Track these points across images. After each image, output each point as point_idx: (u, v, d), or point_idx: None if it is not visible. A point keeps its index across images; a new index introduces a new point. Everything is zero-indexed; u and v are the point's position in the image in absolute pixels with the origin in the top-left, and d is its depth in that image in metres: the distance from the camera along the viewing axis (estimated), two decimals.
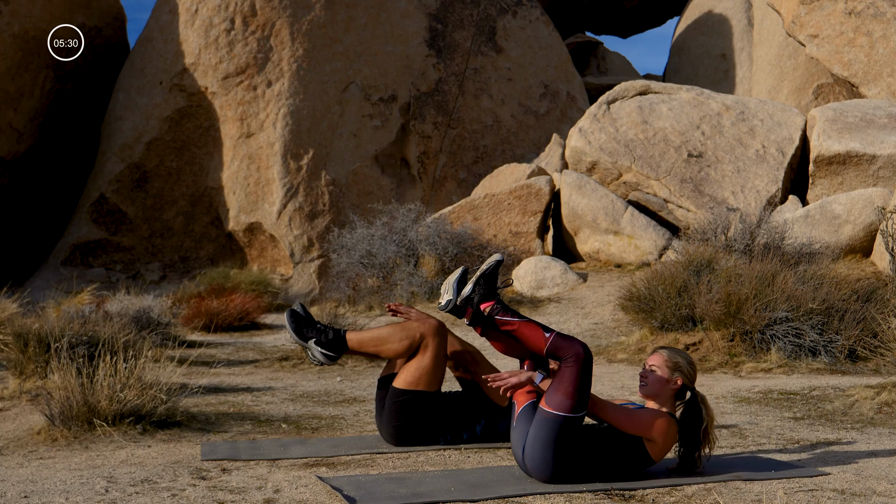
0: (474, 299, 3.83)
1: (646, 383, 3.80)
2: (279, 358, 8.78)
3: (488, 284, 3.86)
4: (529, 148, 19.28)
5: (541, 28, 20.50)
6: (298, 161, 17.35)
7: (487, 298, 3.83)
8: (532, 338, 3.76)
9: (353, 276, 13.64)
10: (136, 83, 18.17)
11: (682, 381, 3.78)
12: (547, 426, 3.64)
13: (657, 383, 3.78)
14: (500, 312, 3.80)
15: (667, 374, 3.78)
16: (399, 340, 4.44)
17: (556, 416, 3.63)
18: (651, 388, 3.79)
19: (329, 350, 4.43)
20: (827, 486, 3.63)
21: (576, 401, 3.63)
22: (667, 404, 3.78)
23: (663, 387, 3.77)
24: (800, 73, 16.93)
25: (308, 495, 3.63)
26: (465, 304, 3.84)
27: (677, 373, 3.78)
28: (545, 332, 3.76)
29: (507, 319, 3.78)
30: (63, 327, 6.70)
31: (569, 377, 3.65)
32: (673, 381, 3.77)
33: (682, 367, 3.79)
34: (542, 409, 3.69)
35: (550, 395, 3.66)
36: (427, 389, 4.47)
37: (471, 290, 3.83)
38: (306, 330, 4.47)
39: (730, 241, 10.58)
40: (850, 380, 6.64)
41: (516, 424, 3.79)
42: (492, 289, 3.86)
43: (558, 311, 10.82)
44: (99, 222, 17.83)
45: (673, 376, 3.77)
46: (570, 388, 3.63)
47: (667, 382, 3.77)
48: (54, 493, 3.68)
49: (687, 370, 3.80)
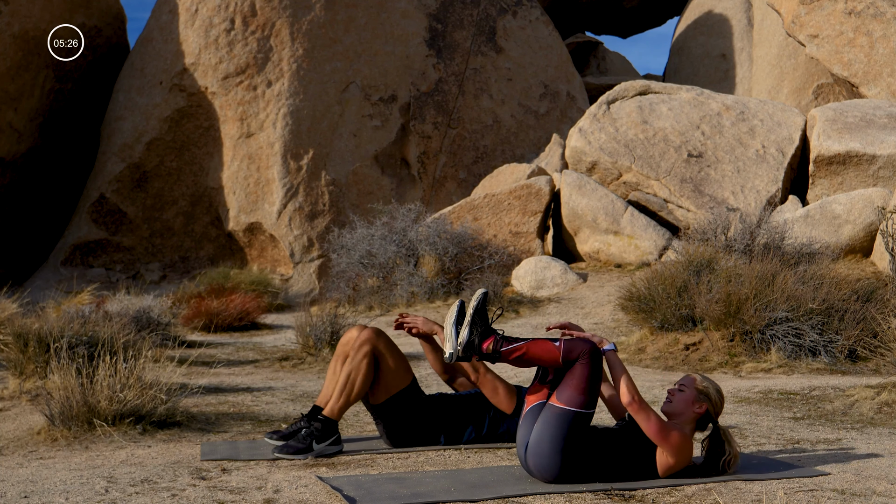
0: (475, 342, 3.85)
1: (671, 400, 3.82)
2: (279, 358, 8.78)
3: (482, 320, 3.89)
4: (529, 148, 19.28)
5: (541, 28, 20.50)
6: (298, 161, 17.35)
7: (486, 335, 3.85)
8: (544, 354, 3.76)
9: (353, 276, 13.64)
10: (136, 83, 18.17)
11: (707, 409, 3.79)
12: (556, 422, 3.65)
13: (682, 402, 3.79)
14: (504, 344, 3.81)
15: (694, 397, 3.79)
16: (359, 361, 4.48)
17: (567, 412, 3.66)
18: (675, 406, 3.80)
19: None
20: (827, 486, 3.62)
21: (587, 397, 3.66)
22: (686, 427, 3.79)
23: (687, 407, 3.78)
24: (800, 73, 16.93)
25: (308, 495, 3.62)
26: (468, 351, 3.86)
27: (704, 398, 3.79)
28: (553, 342, 3.79)
29: (513, 348, 3.80)
30: (63, 327, 6.69)
31: (580, 373, 3.68)
32: (698, 404, 3.78)
33: (710, 395, 3.80)
34: (551, 405, 3.71)
35: (561, 392, 3.69)
36: (403, 386, 4.52)
37: (469, 334, 3.85)
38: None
39: (730, 241, 10.58)
40: (850, 380, 6.64)
41: (522, 422, 3.81)
42: (487, 324, 3.88)
43: (558, 311, 10.81)
44: (99, 222, 17.82)
45: (699, 399, 3.78)
46: (583, 383, 3.67)
47: (692, 404, 3.78)
48: (54, 493, 3.68)
49: (715, 399, 3.81)
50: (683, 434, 3.73)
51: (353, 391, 4.46)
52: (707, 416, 3.80)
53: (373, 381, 4.49)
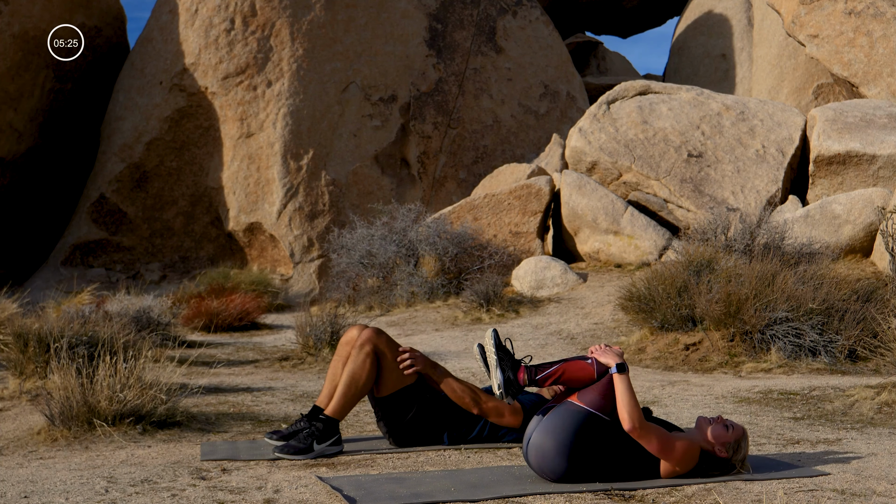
0: (510, 377, 3.94)
1: (710, 422, 3.81)
2: (279, 358, 8.78)
3: (507, 354, 3.98)
4: (529, 148, 19.28)
5: (541, 28, 20.50)
6: (298, 161, 17.35)
7: (516, 368, 3.94)
8: (580, 372, 3.84)
9: (353, 276, 13.64)
10: (136, 83, 18.17)
11: (726, 457, 3.79)
12: (570, 417, 3.69)
13: (715, 436, 3.77)
14: (536, 372, 3.90)
15: (727, 443, 3.77)
16: (363, 365, 4.47)
17: (584, 410, 3.71)
18: (706, 422, 3.81)
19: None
20: (827, 486, 3.62)
21: (608, 402, 3.72)
22: (702, 441, 3.80)
23: (715, 444, 3.77)
24: (800, 73, 16.93)
25: (308, 495, 3.62)
26: (510, 388, 3.94)
27: (731, 450, 3.78)
28: (585, 360, 3.86)
29: (549, 373, 3.88)
30: (63, 327, 6.69)
31: (608, 380, 3.76)
32: (722, 449, 3.78)
33: (737, 453, 3.79)
34: (569, 402, 3.77)
35: (584, 393, 3.76)
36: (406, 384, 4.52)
37: (502, 374, 3.94)
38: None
39: (730, 241, 10.58)
40: (850, 380, 6.64)
41: (534, 418, 3.84)
42: (511, 356, 3.98)
43: (558, 311, 10.81)
44: (99, 222, 17.82)
45: (728, 449, 3.77)
46: (607, 389, 3.74)
47: (720, 444, 3.77)
48: (54, 493, 3.68)
49: (736, 459, 3.80)
50: (687, 443, 3.73)
51: (356, 391, 4.46)
52: (720, 460, 3.80)
53: (375, 380, 4.50)
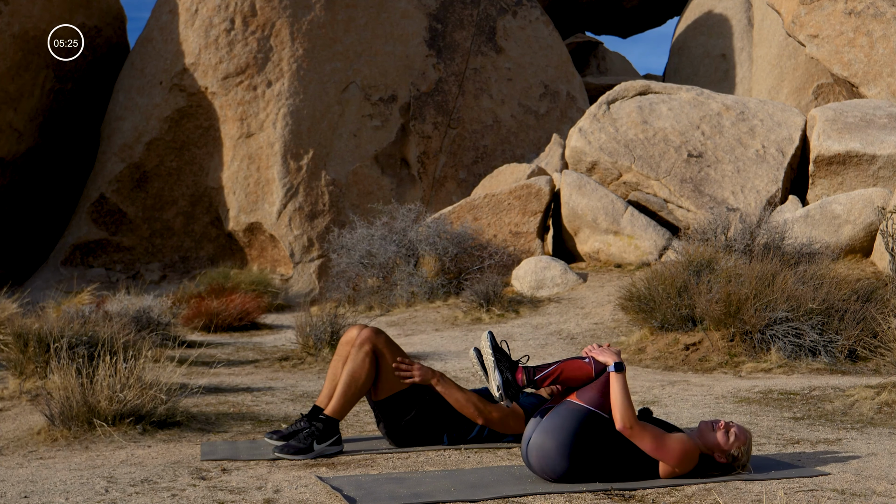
0: (509, 378, 3.93)
1: (712, 428, 3.80)
2: (279, 358, 8.77)
3: (504, 356, 3.98)
4: (529, 148, 19.27)
5: (541, 28, 20.50)
6: (298, 161, 17.35)
7: (514, 369, 3.93)
8: (578, 371, 3.84)
9: (353, 276, 13.64)
10: (136, 83, 18.17)
11: (724, 463, 3.78)
12: (570, 416, 3.69)
13: (719, 439, 3.77)
14: (535, 372, 3.89)
15: (728, 449, 3.76)
16: (363, 364, 4.47)
17: (584, 408, 3.71)
18: (708, 427, 3.80)
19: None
20: (827, 486, 3.62)
21: (609, 401, 3.72)
22: (702, 445, 3.79)
23: (718, 446, 3.77)
24: (800, 73, 16.93)
25: (308, 495, 3.62)
26: (510, 389, 3.93)
27: (731, 458, 3.77)
28: (582, 360, 3.86)
29: (547, 373, 3.87)
30: (63, 327, 6.69)
31: (606, 378, 3.76)
32: (721, 455, 3.77)
33: (740, 458, 3.78)
34: (569, 401, 3.77)
35: (583, 392, 3.76)
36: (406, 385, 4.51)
37: (500, 375, 3.93)
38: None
39: (730, 241, 10.58)
40: (850, 380, 6.64)
41: (533, 418, 3.84)
42: (509, 357, 3.98)
43: (558, 311, 10.81)
44: (99, 222, 17.82)
45: (729, 455, 3.76)
46: (606, 387, 3.74)
47: (721, 448, 3.76)
48: (54, 493, 3.68)
49: (742, 461, 3.79)
50: (683, 444, 3.71)
51: (355, 390, 4.46)
52: (721, 464, 3.79)
53: (374, 379, 4.50)
